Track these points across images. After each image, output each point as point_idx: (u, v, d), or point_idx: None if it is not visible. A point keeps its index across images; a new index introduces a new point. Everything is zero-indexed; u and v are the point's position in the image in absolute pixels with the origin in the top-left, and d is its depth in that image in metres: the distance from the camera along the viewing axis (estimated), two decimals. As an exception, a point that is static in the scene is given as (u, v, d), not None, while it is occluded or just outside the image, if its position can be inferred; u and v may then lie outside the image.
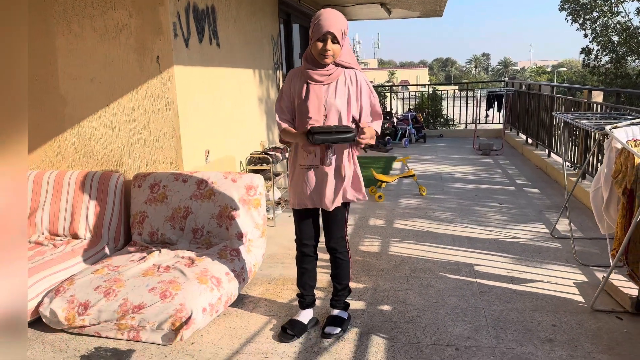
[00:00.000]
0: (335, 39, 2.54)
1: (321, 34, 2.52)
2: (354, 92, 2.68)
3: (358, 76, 2.70)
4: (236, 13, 4.94)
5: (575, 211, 5.00)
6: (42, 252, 3.45)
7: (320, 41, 2.55)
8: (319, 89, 2.64)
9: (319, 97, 2.63)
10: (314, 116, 2.63)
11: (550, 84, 8.14)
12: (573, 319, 2.95)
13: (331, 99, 2.64)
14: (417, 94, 12.98)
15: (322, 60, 2.59)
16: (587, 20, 20.64)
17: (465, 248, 4.13)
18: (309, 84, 2.65)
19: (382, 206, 5.49)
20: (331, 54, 2.57)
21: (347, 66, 2.69)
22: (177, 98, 3.75)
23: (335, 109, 2.64)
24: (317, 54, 2.58)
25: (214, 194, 3.55)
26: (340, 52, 2.61)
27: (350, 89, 2.67)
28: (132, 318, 2.80)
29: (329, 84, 2.65)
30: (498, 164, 7.77)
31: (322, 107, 2.63)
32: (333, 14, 2.57)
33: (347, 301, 3.03)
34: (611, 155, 3.16)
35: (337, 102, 2.64)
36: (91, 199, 3.73)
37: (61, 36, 3.81)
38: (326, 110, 2.64)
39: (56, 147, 4.00)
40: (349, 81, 2.67)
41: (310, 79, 2.65)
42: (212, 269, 3.08)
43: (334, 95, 2.64)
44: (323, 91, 2.64)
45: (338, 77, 2.66)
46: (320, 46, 2.55)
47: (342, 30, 2.56)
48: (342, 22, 2.57)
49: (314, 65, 2.65)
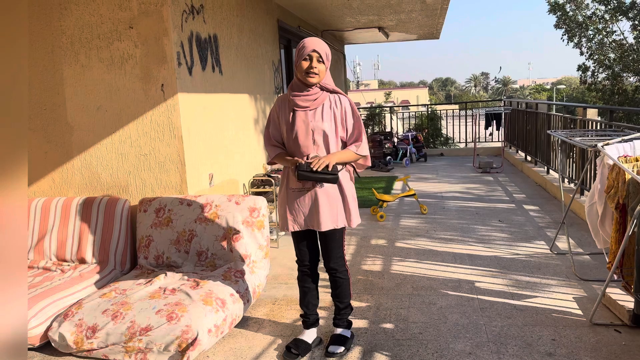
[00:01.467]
0: (320, 57, 2.66)
1: (307, 53, 2.64)
2: (339, 115, 2.77)
3: (342, 100, 2.79)
4: (238, 41, 5.10)
5: (574, 227, 5.06)
6: (51, 278, 3.52)
7: (306, 60, 2.66)
8: (304, 115, 2.74)
9: (306, 122, 2.73)
10: (303, 142, 2.74)
11: (547, 102, 8.27)
12: (572, 333, 2.99)
13: (318, 122, 2.73)
14: (417, 114, 13.14)
15: (308, 80, 2.68)
16: (582, 38, 20.90)
17: (466, 265, 4.19)
18: (295, 111, 2.75)
19: (384, 225, 5.56)
20: (317, 72, 2.67)
21: (332, 90, 2.79)
22: (182, 124, 3.86)
23: (323, 132, 2.73)
24: (303, 73, 2.68)
25: (218, 217, 3.63)
26: (325, 74, 2.72)
27: (335, 112, 2.76)
28: (140, 340, 2.86)
29: (314, 109, 2.74)
30: (498, 182, 7.85)
31: (310, 132, 2.73)
32: (317, 39, 2.73)
33: (350, 319, 3.08)
34: (604, 171, 3.24)
35: (325, 126, 2.73)
36: (98, 225, 3.82)
37: (68, 67, 3.95)
38: (314, 135, 2.73)
39: (63, 174, 4.11)
40: (334, 105, 2.76)
41: (296, 106, 2.75)
42: (216, 291, 3.15)
43: (320, 119, 2.73)
44: (310, 116, 2.73)
45: (323, 102, 2.76)
46: (307, 65, 2.66)
47: (326, 53, 2.70)
48: (325, 47, 2.71)
49: (299, 91, 2.74)
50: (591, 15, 20.17)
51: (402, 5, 7.40)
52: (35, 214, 3.94)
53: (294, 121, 2.75)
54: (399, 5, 7.39)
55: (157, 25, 3.76)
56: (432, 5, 7.50)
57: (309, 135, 2.73)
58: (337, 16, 8.14)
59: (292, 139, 2.77)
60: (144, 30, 3.79)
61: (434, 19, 8.85)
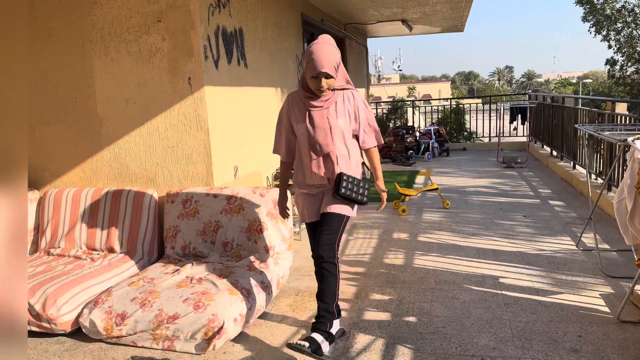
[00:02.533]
0: (328, 75, 2.69)
1: (314, 73, 2.66)
2: (352, 110, 2.82)
3: (354, 95, 2.85)
4: (262, 35, 5.13)
5: (601, 223, 4.98)
6: (81, 266, 3.62)
7: (314, 78, 2.69)
8: (319, 112, 2.79)
9: (324, 121, 2.78)
10: (322, 141, 2.78)
11: (574, 96, 8.12)
12: (599, 329, 2.96)
13: (333, 119, 2.78)
14: (440, 108, 13.03)
15: (318, 94, 2.77)
16: (610, 31, 20.40)
17: (490, 260, 4.16)
18: (311, 111, 2.80)
19: (406, 220, 5.55)
20: (326, 88, 2.73)
21: (341, 88, 2.84)
22: (208, 117, 3.91)
23: (339, 129, 2.79)
24: (313, 88, 2.74)
25: (243, 209, 3.68)
26: (334, 83, 2.76)
27: (349, 108, 2.82)
28: (167, 328, 2.92)
29: (328, 108, 2.80)
30: (522, 177, 7.76)
31: (326, 129, 2.78)
32: (324, 52, 2.63)
33: (332, 332, 2.74)
34: (634, 166, 3.19)
35: (340, 122, 2.79)
36: (126, 215, 3.90)
37: (98, 60, 4.03)
38: (331, 132, 2.78)
39: (93, 166, 4.20)
40: (347, 101, 2.82)
41: (311, 107, 2.80)
42: (242, 281, 3.20)
43: (335, 116, 2.79)
44: (326, 114, 2.79)
45: (336, 100, 2.81)
46: (315, 84, 2.71)
47: (335, 65, 2.69)
48: (333, 56, 2.67)
49: (310, 93, 2.80)
50: (621, 8, 19.67)
51: (426, -3, 7.33)
52: (66, 204, 4.04)
53: (312, 121, 2.80)
54: (423, -3, 7.32)
55: (185, 18, 3.81)
56: (458, -3, 7.42)
57: (326, 132, 2.78)
58: (360, 9, 8.11)
59: (306, 137, 2.82)
60: (171, 23, 3.84)
61: (458, 12, 8.74)
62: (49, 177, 4.33)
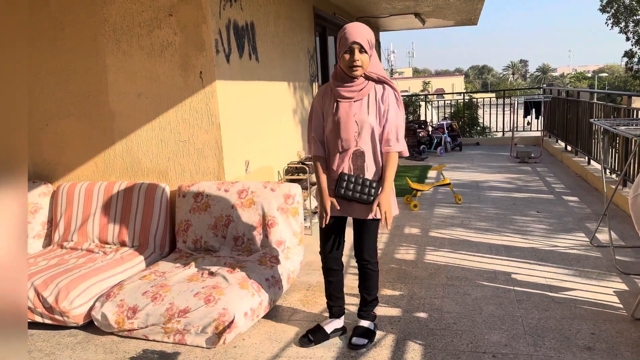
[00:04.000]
0: (362, 48, 2.55)
1: (348, 45, 2.54)
2: (384, 108, 2.66)
3: (388, 92, 2.67)
4: (274, 29, 5.11)
5: (616, 219, 4.91)
6: (93, 259, 3.65)
7: (347, 53, 2.56)
8: (348, 106, 2.65)
9: (350, 114, 2.64)
10: (344, 135, 2.65)
11: (589, 90, 8.00)
12: (613, 327, 2.93)
13: (363, 115, 2.63)
14: (453, 102, 12.92)
15: (352, 73, 2.59)
16: (629, 22, 20.06)
17: (502, 256, 4.13)
18: (339, 102, 2.67)
19: (418, 215, 5.52)
20: (360, 65, 2.56)
21: (377, 79, 2.68)
22: (219, 111, 3.91)
23: (368, 125, 2.64)
24: (346, 67, 2.58)
25: (254, 203, 3.68)
26: (369, 63, 2.61)
27: (380, 105, 2.66)
28: (178, 322, 2.94)
29: (360, 100, 2.65)
30: (536, 172, 7.67)
31: (354, 124, 2.64)
32: (357, 26, 2.58)
33: (375, 313, 3.02)
34: (650, 162, 3.13)
35: (370, 119, 2.63)
36: (138, 209, 3.92)
37: (111, 54, 4.04)
38: (358, 127, 2.64)
39: (106, 159, 4.23)
40: (379, 97, 2.66)
41: (340, 97, 2.66)
42: (252, 275, 3.21)
43: (366, 112, 2.64)
44: (354, 108, 2.64)
45: (368, 92, 2.66)
46: (348, 57, 2.56)
47: (369, 40, 2.57)
48: (367, 33, 2.58)
49: (342, 82, 2.65)
50: (640, -1, 19.33)
51: (440, -10, 7.25)
52: (79, 197, 4.08)
53: (337, 112, 2.66)
54: (436, -10, 7.25)
55: (196, 12, 3.81)
56: (471, -10, 7.33)
57: (352, 128, 2.64)
58: (372, 2, 8.05)
59: (334, 131, 2.68)
60: (183, 17, 3.84)
61: (472, 5, 8.64)
62: (62, 171, 4.37)
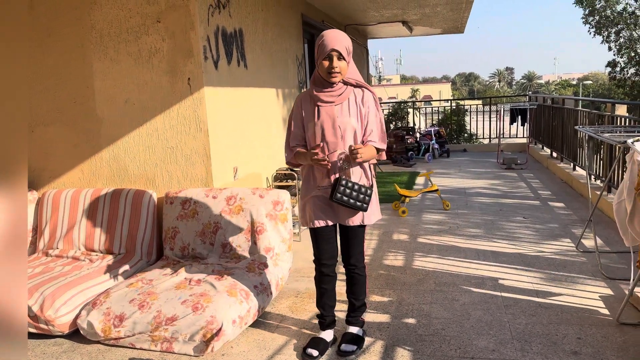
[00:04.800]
0: (340, 55, 2.58)
1: (326, 53, 2.57)
2: (364, 110, 2.70)
3: (367, 95, 2.72)
4: (263, 36, 5.12)
5: (601, 225, 4.97)
6: (79, 267, 3.61)
7: (326, 60, 2.59)
8: (330, 109, 2.67)
9: (332, 118, 2.65)
10: (330, 139, 2.66)
11: (574, 98, 8.12)
12: (599, 331, 2.95)
13: (345, 118, 2.65)
14: (440, 109, 13.03)
15: (330, 79, 2.62)
16: (611, 33, 20.45)
17: (489, 262, 4.16)
18: (319, 106, 2.68)
19: (406, 221, 5.54)
20: (338, 71, 2.60)
21: (356, 84, 2.72)
22: (207, 118, 3.90)
23: (351, 127, 2.66)
24: (324, 73, 2.62)
25: (242, 210, 3.67)
26: (347, 69, 2.64)
27: (361, 107, 2.69)
28: (165, 330, 2.91)
29: (340, 104, 2.68)
30: (522, 178, 7.75)
31: (338, 128, 2.65)
32: (336, 33, 2.62)
33: (363, 318, 3.03)
34: (633, 168, 3.18)
35: (352, 122, 2.66)
36: (125, 216, 3.89)
37: (98, 61, 4.02)
38: (342, 130, 2.65)
39: (92, 166, 4.19)
40: (359, 100, 2.70)
41: (320, 101, 2.67)
42: (241, 283, 3.19)
43: (347, 114, 2.66)
44: (336, 111, 2.66)
45: (348, 96, 2.69)
46: (327, 64, 2.59)
47: (347, 48, 2.61)
48: (345, 40, 2.61)
49: (322, 87, 2.68)
50: (622, 11, 19.70)
51: (427, -1, 7.33)
52: (65, 204, 4.03)
53: (319, 117, 2.68)
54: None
55: (184, 19, 3.80)
56: (458, -1, 7.42)
57: (337, 131, 2.65)
58: (360, 10, 8.11)
59: (318, 136, 2.68)
60: (171, 24, 3.84)
61: (459, 13, 8.74)
62: (47, 178, 4.32)
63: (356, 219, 2.75)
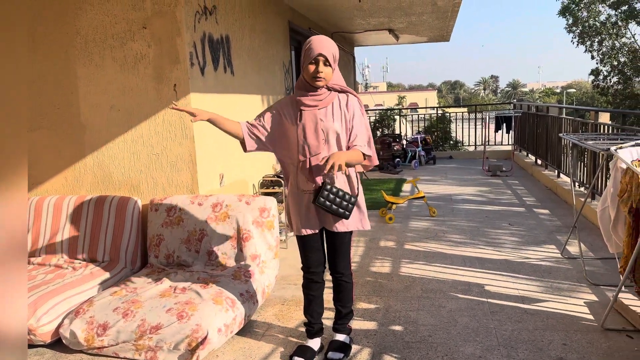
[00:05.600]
0: (327, 61, 2.58)
1: (313, 57, 2.56)
2: (349, 115, 2.69)
3: (351, 100, 2.72)
4: (250, 42, 5.12)
5: (585, 231, 5.03)
6: (62, 275, 3.55)
7: (312, 64, 2.59)
8: (313, 113, 2.66)
9: (315, 121, 2.65)
10: (312, 142, 2.65)
11: (558, 106, 8.23)
12: (584, 337, 2.97)
13: (329, 122, 2.65)
14: (426, 116, 13.12)
15: (315, 83, 2.62)
16: (594, 42, 20.82)
17: (476, 268, 4.17)
18: (302, 110, 2.68)
19: (393, 228, 5.55)
20: (323, 76, 2.59)
21: (340, 90, 2.72)
22: (193, 124, 3.88)
23: (334, 132, 2.65)
24: (310, 77, 2.61)
25: (228, 217, 3.65)
26: (332, 76, 2.64)
27: (345, 112, 2.69)
28: (150, 338, 2.87)
29: (324, 108, 2.67)
30: (508, 185, 7.82)
31: (321, 132, 2.65)
32: (323, 39, 2.62)
33: (350, 326, 3.01)
34: (617, 175, 3.22)
35: (336, 126, 2.65)
36: (109, 223, 3.84)
37: (82, 67, 3.98)
38: (325, 134, 2.65)
39: (76, 173, 4.14)
40: (343, 105, 2.70)
41: (303, 105, 2.67)
42: (226, 290, 3.16)
43: (331, 119, 2.66)
44: (319, 115, 2.66)
45: (332, 101, 2.69)
46: (313, 69, 2.58)
47: (333, 54, 2.61)
48: (332, 47, 2.61)
49: (306, 91, 2.67)
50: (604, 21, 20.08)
51: (413, 7, 7.39)
52: (48, 212, 3.97)
53: (302, 119, 2.67)
54: (410, 7, 7.38)
55: (171, 25, 3.79)
56: (444, 7, 7.49)
57: (319, 135, 2.65)
58: (347, 18, 8.15)
59: (300, 138, 2.68)
60: (157, 30, 3.82)
61: (444, 22, 8.83)
62: (30, 185, 4.26)
63: (340, 225, 2.74)
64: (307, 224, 2.77)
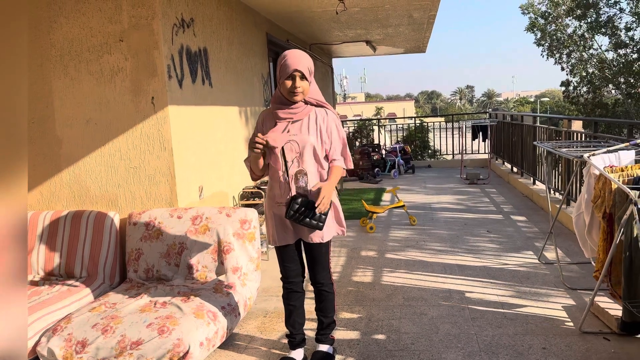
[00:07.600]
0: (303, 76, 2.61)
1: (289, 73, 2.59)
2: (325, 129, 2.72)
3: (328, 114, 2.75)
4: (227, 54, 5.12)
5: (561, 237, 5.12)
6: (39, 292, 3.47)
7: (289, 79, 2.61)
8: (288, 126, 2.69)
9: (290, 134, 2.67)
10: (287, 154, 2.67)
11: (532, 114, 8.40)
12: (562, 341, 3.02)
13: (304, 135, 2.68)
14: (405, 126, 13.25)
15: (292, 98, 2.65)
16: (562, 54, 21.40)
17: (456, 276, 4.21)
18: (278, 123, 2.70)
19: (374, 237, 5.58)
20: (300, 91, 2.62)
21: (317, 104, 2.76)
22: (172, 137, 3.86)
23: (310, 145, 2.68)
24: (287, 92, 2.64)
25: (208, 229, 3.62)
26: (309, 90, 2.68)
27: (321, 126, 2.72)
28: (130, 354, 2.82)
29: (299, 121, 2.70)
30: (485, 193, 7.93)
31: (295, 144, 2.68)
32: (299, 53, 2.65)
33: (333, 336, 3.02)
34: (590, 181, 3.30)
35: (311, 139, 2.68)
36: (87, 238, 3.78)
37: (57, 80, 3.93)
38: (300, 147, 2.68)
39: (52, 188, 4.07)
40: (320, 119, 2.73)
41: (279, 118, 2.70)
42: (208, 304, 3.13)
43: (307, 132, 2.68)
44: (295, 128, 2.68)
45: (308, 114, 2.72)
46: (290, 84, 2.61)
47: (309, 68, 2.64)
48: (307, 61, 2.64)
49: (282, 105, 2.70)
50: (572, 33, 20.64)
51: (389, 19, 7.50)
52: (23, 227, 3.89)
53: None
54: (386, 19, 7.49)
55: (148, 38, 3.77)
56: (419, 19, 7.62)
57: (293, 147, 2.68)
58: (325, 30, 8.22)
59: (275, 152, 2.70)
60: (134, 43, 3.80)
61: (420, 33, 8.97)
62: (4, 201, 4.16)
63: (315, 236, 2.75)
64: (283, 235, 2.80)
